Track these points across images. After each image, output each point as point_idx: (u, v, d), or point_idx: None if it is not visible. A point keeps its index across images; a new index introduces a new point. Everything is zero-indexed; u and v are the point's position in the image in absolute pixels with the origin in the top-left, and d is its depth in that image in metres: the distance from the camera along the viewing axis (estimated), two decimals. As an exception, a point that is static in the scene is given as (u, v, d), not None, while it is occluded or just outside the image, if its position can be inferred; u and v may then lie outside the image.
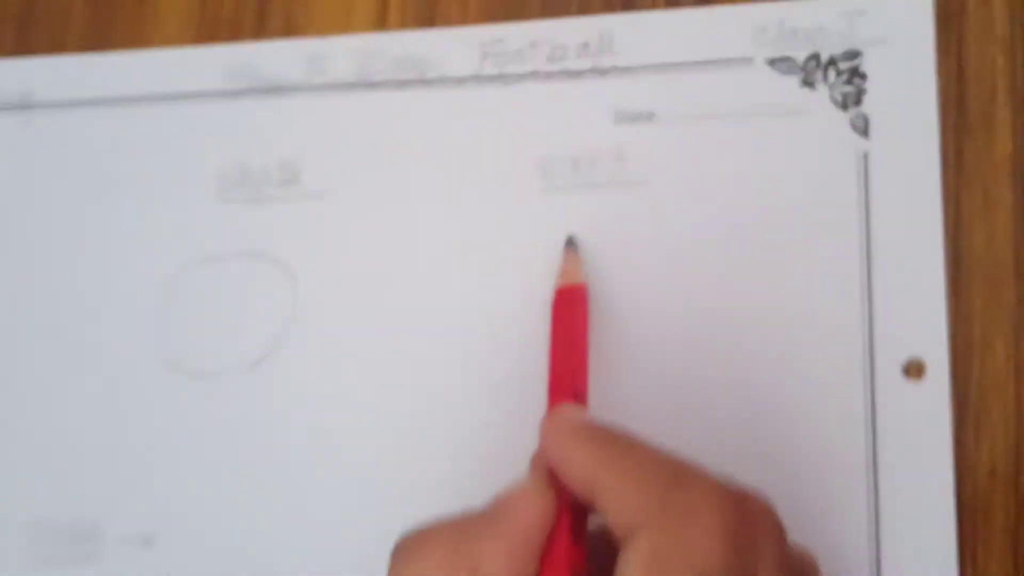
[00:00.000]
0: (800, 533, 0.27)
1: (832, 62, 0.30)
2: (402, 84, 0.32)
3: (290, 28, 0.33)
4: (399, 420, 0.31)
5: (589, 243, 0.30)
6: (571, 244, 0.30)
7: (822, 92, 0.30)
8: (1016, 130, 0.29)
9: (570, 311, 0.28)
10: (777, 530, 0.22)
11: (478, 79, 0.32)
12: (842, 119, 0.29)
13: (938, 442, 0.28)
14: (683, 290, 0.30)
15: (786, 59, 0.30)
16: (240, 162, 0.33)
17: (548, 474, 0.23)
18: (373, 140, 0.32)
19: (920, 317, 0.28)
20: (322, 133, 0.33)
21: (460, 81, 0.32)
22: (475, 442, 0.30)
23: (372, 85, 0.33)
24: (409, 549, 0.22)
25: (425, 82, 0.32)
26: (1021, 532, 0.27)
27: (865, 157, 0.29)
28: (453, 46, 0.32)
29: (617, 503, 0.21)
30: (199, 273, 0.33)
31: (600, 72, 0.31)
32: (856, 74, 0.30)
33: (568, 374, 0.27)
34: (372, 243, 0.32)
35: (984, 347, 0.28)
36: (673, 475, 0.21)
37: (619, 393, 0.29)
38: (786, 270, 0.29)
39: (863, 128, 0.29)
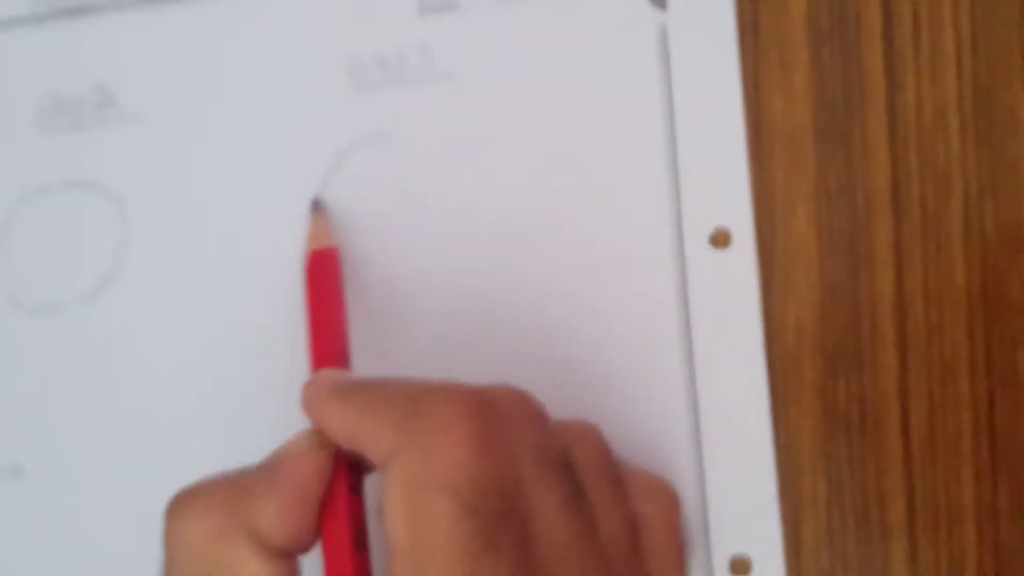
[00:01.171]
0: (619, 407, 0.28)
1: (628, -64, 0.29)
2: (204, -7, 0.32)
3: (87, -55, 0.32)
4: (238, 341, 0.31)
5: (402, 142, 0.30)
6: (318, 208, 0.30)
7: (619, -32, 0.29)
8: (810, -9, 0.29)
9: (323, 276, 0.28)
10: (532, 419, 0.22)
11: (279, -19, 0.31)
12: (640, -6, 0.29)
13: (747, 307, 0.28)
14: (495, 181, 0.30)
15: (583, -63, 0.30)
16: (54, 89, 0.32)
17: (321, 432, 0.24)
18: (181, 53, 0.32)
19: (724, 187, 0.29)
20: (130, 52, 0.32)
21: (263, -16, 0.31)
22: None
23: (174, -3, 0.32)
24: (182, 508, 0.22)
25: (227, -11, 0.31)
26: (828, 387, 0.28)
27: (663, 30, 0.29)
28: (252, -50, 0.31)
29: (370, 441, 0.22)
30: (29, 207, 0.32)
31: (401, -35, 0.31)
32: (652, -53, 0.29)
33: (328, 342, 0.27)
34: (191, 162, 0.31)
35: (787, 211, 0.29)
36: (416, 399, 0.21)
37: (426, 286, 0.29)
38: (593, 152, 0.29)
39: (660, 1, 0.29)
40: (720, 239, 0.29)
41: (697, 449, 0.28)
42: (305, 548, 0.22)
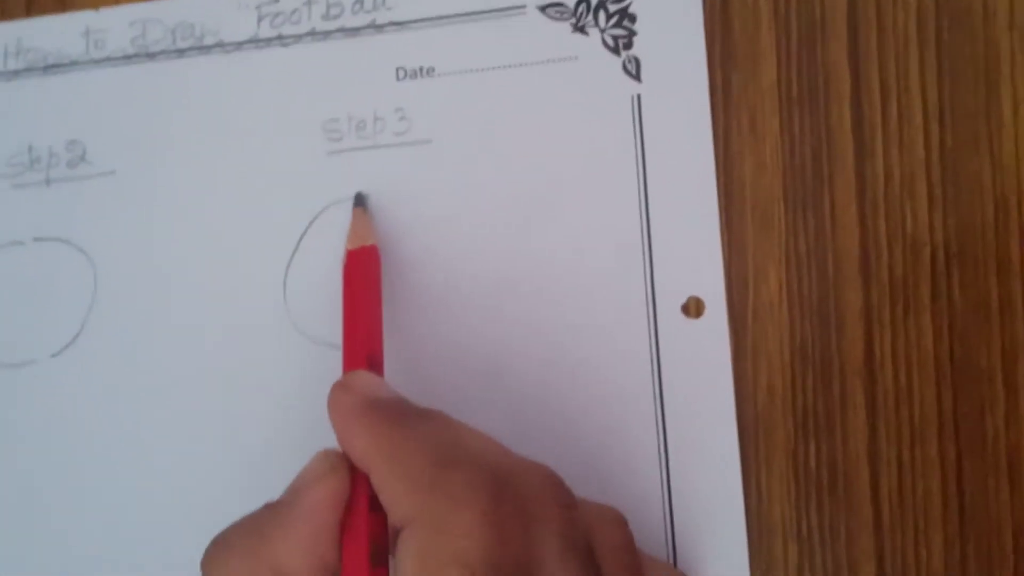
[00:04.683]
0: (590, 467, 0.28)
1: (602, 4, 0.30)
2: (180, 53, 0.32)
3: (62, 2, 0.32)
4: (208, 401, 0.31)
5: (378, 204, 0.30)
6: (360, 203, 0.30)
7: (594, 37, 0.30)
8: (780, 58, 0.29)
9: (362, 273, 0.28)
10: (559, 502, 0.22)
11: (256, 42, 0.31)
12: (614, 63, 0.30)
13: (718, 372, 0.29)
14: (472, 247, 0.30)
15: (557, 4, 0.30)
16: (27, 144, 0.32)
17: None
18: (156, 112, 0.32)
19: (697, 256, 0.29)
20: (105, 108, 0.32)
21: (239, 45, 0.31)
22: (283, 422, 0.30)
23: (151, 55, 0.32)
24: (213, 559, 0.22)
25: (203, 49, 0.32)
26: (799, 450, 0.28)
27: (638, 99, 0.29)
28: (228, 10, 0.32)
29: (389, 494, 0.21)
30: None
31: (377, 28, 0.31)
32: (625, 16, 0.30)
33: (361, 338, 0.26)
34: (164, 219, 0.31)
35: (758, 277, 0.29)
36: (440, 465, 0.21)
37: (413, 357, 0.29)
38: (569, 219, 0.29)
39: (635, 71, 0.30)
40: (692, 308, 0.29)
41: (668, 513, 0.28)
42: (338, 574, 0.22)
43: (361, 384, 0.24)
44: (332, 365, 0.29)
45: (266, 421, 0.30)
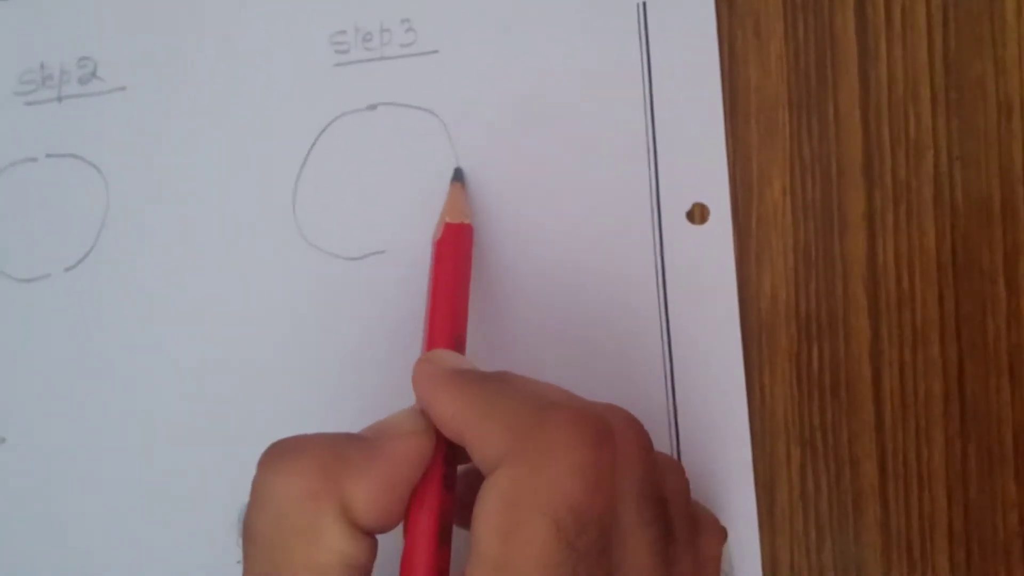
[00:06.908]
0: (598, 374, 0.28)
1: (606, -89, 0.30)
2: (189, -31, 0.32)
3: (71, -80, 0.33)
4: (220, 312, 0.31)
5: (386, 115, 0.31)
6: (458, 178, 0.29)
7: (598, -57, 0.30)
8: (785, -35, 0.29)
9: (455, 250, 0.27)
10: (641, 450, 0.21)
11: (263, -43, 0.31)
12: (618, -32, 0.30)
13: (722, 277, 0.29)
14: (479, 157, 0.30)
15: (562, -88, 0.30)
16: (39, 62, 0.33)
17: (427, 417, 0.23)
18: (166, 27, 0.32)
19: (701, 162, 0.29)
20: (115, 25, 0.32)
21: (246, -39, 0.32)
22: (291, 330, 0.31)
23: (159, -28, 0.32)
24: (277, 461, 0.21)
25: (211, -35, 0.32)
26: (802, 354, 0.29)
27: (643, 7, 0.29)
28: (236, -75, 0.32)
29: (481, 441, 0.21)
30: (13, 178, 0.32)
31: (382, -60, 0.31)
32: (630, -78, 0.30)
33: (449, 319, 0.26)
34: (174, 134, 0.32)
35: (762, 182, 0.29)
36: (535, 413, 0.20)
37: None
38: (574, 128, 0.30)
39: (639, -24, 0.30)
40: (697, 215, 0.29)
41: (673, 416, 0.29)
42: (386, 529, 0.21)
43: (446, 357, 0.24)
44: (339, 274, 0.30)
45: (275, 329, 0.30)
